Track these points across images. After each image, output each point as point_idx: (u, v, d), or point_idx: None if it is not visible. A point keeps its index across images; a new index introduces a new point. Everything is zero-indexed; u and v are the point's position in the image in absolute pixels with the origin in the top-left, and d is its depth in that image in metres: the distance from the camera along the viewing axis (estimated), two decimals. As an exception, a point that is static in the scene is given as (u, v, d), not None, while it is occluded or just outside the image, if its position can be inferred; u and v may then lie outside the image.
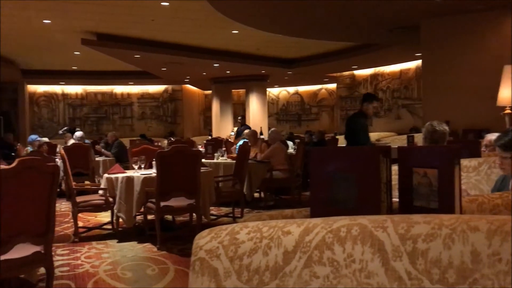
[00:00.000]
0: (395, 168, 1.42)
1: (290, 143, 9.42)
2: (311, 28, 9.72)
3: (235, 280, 1.19)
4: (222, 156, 7.39)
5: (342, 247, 1.04)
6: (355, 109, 8.03)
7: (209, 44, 11.66)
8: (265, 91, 17.12)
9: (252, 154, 7.14)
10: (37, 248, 3.05)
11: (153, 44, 11.09)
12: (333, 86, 18.47)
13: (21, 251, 2.97)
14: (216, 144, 8.79)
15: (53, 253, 3.30)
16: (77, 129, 13.94)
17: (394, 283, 0.95)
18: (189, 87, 19.25)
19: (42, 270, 3.75)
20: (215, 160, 7.20)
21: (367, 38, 10.85)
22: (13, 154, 11.04)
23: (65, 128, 14.34)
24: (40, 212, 2.99)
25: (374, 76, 15.54)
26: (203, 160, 6.18)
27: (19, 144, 11.82)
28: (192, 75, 15.86)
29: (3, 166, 7.48)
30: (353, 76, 16.19)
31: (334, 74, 16.66)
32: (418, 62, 12.70)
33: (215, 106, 17.17)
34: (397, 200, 1.46)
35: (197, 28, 9.88)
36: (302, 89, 19.51)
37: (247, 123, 16.85)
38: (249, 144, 7.21)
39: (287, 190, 7.47)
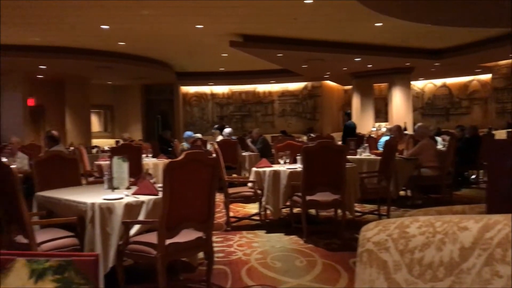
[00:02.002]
0: None
1: (438, 139, 8.88)
2: (464, 16, 9.02)
3: (405, 273, 1.18)
4: (365, 152, 7.27)
5: (532, 246, 0.97)
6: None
7: (351, 38, 11.52)
8: (409, 84, 16.34)
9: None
10: (199, 234, 3.34)
11: (295, 42, 11.30)
12: (486, 77, 16.91)
13: (186, 236, 3.28)
14: (359, 140, 8.68)
15: (211, 240, 3.57)
16: (226, 126, 14.88)
17: None
18: (329, 83, 19.23)
19: (200, 255, 4.10)
20: (358, 156, 7.10)
21: (529, 22, 9.72)
22: (170, 149, 12.20)
23: (216, 126, 15.39)
24: (203, 200, 3.26)
25: (537, 64, 13.86)
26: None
27: (175, 140, 12.98)
28: (332, 70, 15.82)
29: (163, 160, 8.23)
30: (512, 65, 14.63)
31: (489, 64, 15.22)
32: None
33: (356, 101, 16.89)
34: None
35: (340, 23, 9.83)
36: (450, 81, 18.21)
37: (389, 118, 16.29)
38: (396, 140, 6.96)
39: (436, 189, 7.05)
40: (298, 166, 5.27)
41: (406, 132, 11.12)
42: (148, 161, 8.07)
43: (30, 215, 3.34)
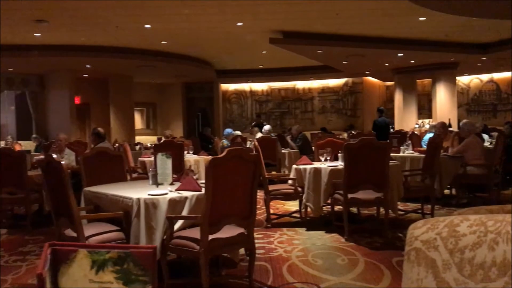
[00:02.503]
0: None
1: (485, 136, 8.59)
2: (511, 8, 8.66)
3: (455, 273, 1.16)
4: (408, 149, 7.13)
5: None
6: None
7: (393, 33, 11.29)
8: (454, 79, 15.86)
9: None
10: (241, 230, 3.38)
11: (336, 38, 11.18)
12: (537, 71, 16.17)
13: (228, 232, 3.32)
14: (401, 137, 8.51)
15: (252, 236, 3.59)
16: (264, 123, 14.91)
17: None
18: (370, 79, 18.92)
19: (241, 251, 4.14)
20: (401, 154, 6.97)
21: None
22: (210, 146, 12.35)
23: (253, 123, 15.46)
24: (245, 197, 3.29)
25: None
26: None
27: (216, 137, 13.13)
28: (374, 66, 15.55)
29: (204, 156, 8.33)
30: None
31: (539, 58, 14.56)
32: None
33: (398, 97, 16.54)
34: None
35: (382, 18, 9.65)
36: (498, 76, 17.54)
37: (432, 115, 15.87)
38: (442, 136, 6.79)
39: (482, 188, 6.83)
40: (340, 164, 5.23)
41: (450, 129, 10.82)
42: (189, 157, 8.20)
43: (78, 210, 3.46)
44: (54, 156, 3.73)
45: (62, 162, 3.40)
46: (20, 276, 3.93)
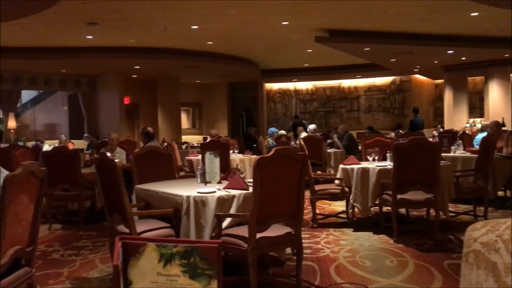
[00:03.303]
0: None
1: (543, 136, 8.17)
2: None
3: (519, 277, 1.12)
4: (459, 149, 6.90)
5: None
6: None
7: (443, 30, 10.95)
8: (509, 77, 15.20)
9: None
10: (288, 229, 3.38)
11: (384, 35, 10.97)
12: None
13: (275, 230, 3.33)
14: (452, 137, 8.26)
15: (300, 235, 3.58)
16: (303, 122, 14.83)
17: None
18: (418, 77, 18.43)
19: (288, 250, 4.14)
20: (451, 154, 6.76)
21: None
22: (254, 145, 12.41)
23: (291, 123, 15.41)
24: (292, 196, 3.29)
25: None
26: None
27: (260, 136, 13.18)
28: (422, 64, 15.14)
29: (249, 156, 8.38)
30: None
31: None
32: None
33: (448, 96, 16.04)
34: None
35: (432, 15, 9.38)
36: (556, 73, 16.66)
37: (485, 113, 15.29)
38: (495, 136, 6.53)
39: (540, 190, 6.53)
40: (388, 164, 5.14)
41: (504, 128, 10.39)
42: (235, 156, 8.28)
43: (131, 207, 3.56)
44: (108, 154, 3.87)
45: (116, 161, 3.51)
46: (75, 270, 4.09)
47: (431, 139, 9.38)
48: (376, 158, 5.45)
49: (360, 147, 8.24)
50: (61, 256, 4.56)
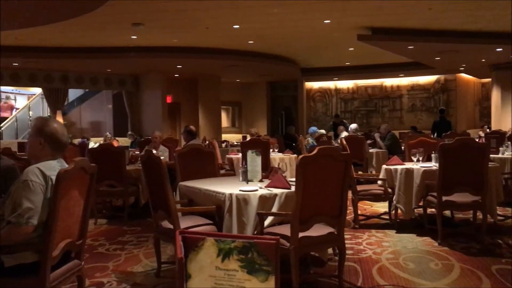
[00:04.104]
0: None
1: None
2: None
3: None
4: (507, 150, 6.65)
5: None
6: None
7: (491, 27, 10.56)
8: (562, 76, 14.53)
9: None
10: (331, 229, 3.35)
11: (428, 33, 10.70)
12: None
13: (318, 230, 3.32)
14: (500, 138, 7.96)
15: (342, 236, 3.55)
16: (344, 121, 14.65)
17: None
18: (464, 76, 17.87)
19: (329, 250, 4.12)
20: (500, 155, 6.52)
21: None
22: (294, 144, 12.38)
23: (331, 123, 15.26)
24: (335, 196, 3.26)
25: None
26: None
27: (300, 135, 13.13)
28: (469, 62, 14.66)
29: (289, 155, 8.37)
30: None
31: None
32: None
33: (495, 95, 15.47)
34: None
35: (479, 12, 9.08)
36: None
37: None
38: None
39: None
40: (433, 164, 5.01)
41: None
42: (275, 156, 8.29)
43: (175, 203, 3.63)
44: (154, 152, 3.96)
45: (162, 158, 3.59)
46: (120, 264, 4.21)
47: (477, 140, 9.08)
48: (421, 158, 5.34)
49: (403, 147, 8.08)
50: (107, 250, 4.70)
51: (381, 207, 6.38)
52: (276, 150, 8.82)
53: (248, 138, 10.32)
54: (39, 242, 2.46)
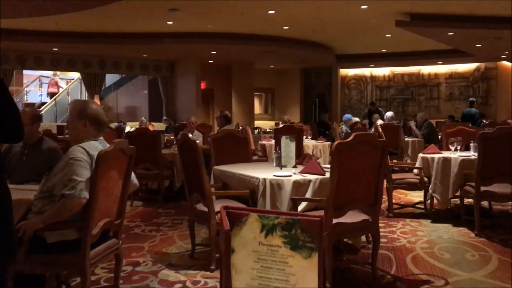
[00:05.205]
0: None
1: None
2: None
3: None
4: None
5: None
6: None
7: (537, 13, 10.14)
8: None
9: None
10: (365, 217, 3.33)
11: (470, 19, 10.34)
12: None
13: (352, 217, 3.30)
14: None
15: (376, 223, 3.51)
16: (380, 109, 14.39)
17: None
18: (505, 63, 17.22)
19: (362, 238, 4.09)
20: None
21: None
22: (327, 132, 12.28)
23: (366, 111, 15.01)
24: (371, 183, 3.23)
25: None
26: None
27: (334, 123, 13.01)
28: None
29: (323, 142, 8.31)
30: None
31: None
32: None
33: (539, 84, 14.90)
34: None
35: (525, -4, 8.71)
36: None
37: None
38: None
39: None
40: (472, 154, 4.88)
41: None
42: (308, 143, 8.25)
43: (209, 186, 3.67)
44: (190, 136, 4.00)
45: (198, 141, 3.63)
46: (155, 245, 4.31)
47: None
48: (459, 147, 5.20)
49: (440, 136, 7.90)
50: (143, 231, 4.81)
51: (416, 196, 6.28)
52: (309, 137, 8.78)
53: (281, 125, 10.30)
54: (80, 220, 2.54)
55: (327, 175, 3.42)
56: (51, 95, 17.61)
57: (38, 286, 3.00)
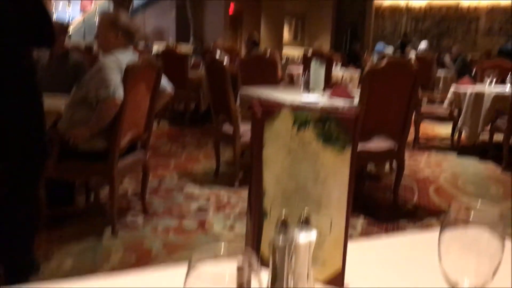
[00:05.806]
0: None
1: None
2: None
3: None
4: None
5: None
6: None
7: None
8: None
9: None
10: (391, 144, 3.30)
11: None
12: None
13: (378, 143, 3.27)
14: None
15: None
16: (413, 41, 13.83)
17: None
18: (554, -2, 16.17)
19: (386, 169, 4.09)
20: None
21: None
22: (357, 62, 11.97)
23: (399, 42, 14.45)
24: (400, 111, 3.16)
25: None
26: None
27: (366, 53, 12.64)
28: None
29: (352, 71, 8.14)
30: None
31: None
32: None
33: None
34: None
35: None
36: None
37: None
38: None
39: None
40: (507, 90, 4.71)
41: None
42: (338, 72, 8.09)
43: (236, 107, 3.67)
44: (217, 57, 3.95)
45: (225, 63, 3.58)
46: (181, 163, 4.41)
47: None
48: (494, 81, 5.02)
49: (475, 70, 7.62)
50: (169, 150, 4.91)
51: (444, 129, 6.18)
52: (339, 66, 8.59)
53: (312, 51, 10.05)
54: (109, 130, 2.59)
55: (356, 100, 3.36)
56: (84, 11, 17.47)
57: (68, 194, 3.13)
